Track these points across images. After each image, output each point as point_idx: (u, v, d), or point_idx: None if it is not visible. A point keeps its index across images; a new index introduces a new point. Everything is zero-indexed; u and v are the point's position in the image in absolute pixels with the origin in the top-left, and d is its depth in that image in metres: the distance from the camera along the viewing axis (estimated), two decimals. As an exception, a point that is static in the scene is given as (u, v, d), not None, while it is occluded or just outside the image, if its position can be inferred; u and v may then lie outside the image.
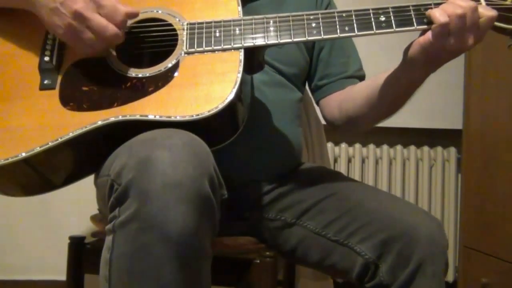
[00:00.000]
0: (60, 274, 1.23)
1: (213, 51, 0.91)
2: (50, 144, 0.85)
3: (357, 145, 2.22)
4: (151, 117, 0.84)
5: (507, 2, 0.91)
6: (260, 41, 0.91)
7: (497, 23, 0.90)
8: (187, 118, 0.83)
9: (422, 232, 0.92)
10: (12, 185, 0.93)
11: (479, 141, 1.92)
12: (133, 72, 0.91)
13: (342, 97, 1.15)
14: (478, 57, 1.91)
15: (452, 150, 2.25)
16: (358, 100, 1.09)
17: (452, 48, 0.88)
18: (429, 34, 0.88)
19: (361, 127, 1.18)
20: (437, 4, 0.90)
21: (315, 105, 1.31)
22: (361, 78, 1.20)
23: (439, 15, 0.87)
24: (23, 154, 0.85)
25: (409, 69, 0.95)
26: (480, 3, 0.90)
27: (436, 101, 2.18)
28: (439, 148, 2.26)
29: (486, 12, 0.88)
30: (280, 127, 1.10)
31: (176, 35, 0.93)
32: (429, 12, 0.89)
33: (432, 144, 2.27)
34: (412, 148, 2.25)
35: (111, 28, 0.87)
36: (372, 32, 0.90)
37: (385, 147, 2.23)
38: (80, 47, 0.89)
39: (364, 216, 0.97)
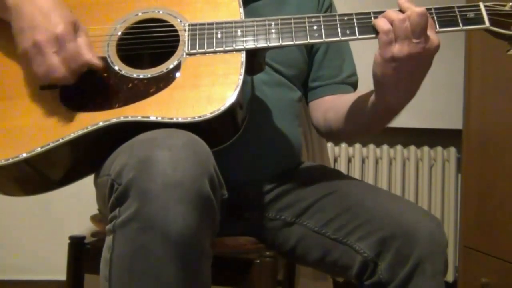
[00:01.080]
0: (60, 274, 1.23)
1: (214, 52, 0.91)
2: (51, 144, 0.85)
3: (357, 145, 2.22)
4: (152, 118, 0.84)
5: (506, 8, 0.91)
6: (262, 43, 0.91)
7: (495, 29, 0.90)
8: (188, 119, 0.84)
9: (422, 230, 0.92)
10: (13, 185, 0.93)
11: (479, 141, 1.92)
12: (135, 73, 0.91)
13: (328, 105, 1.15)
14: (478, 57, 1.91)
15: (452, 150, 2.26)
16: (340, 115, 1.09)
17: (401, 55, 0.85)
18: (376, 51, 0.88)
19: (340, 139, 1.19)
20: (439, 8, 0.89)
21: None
22: (353, 84, 1.20)
23: (382, 23, 0.86)
24: (24, 155, 0.85)
25: (378, 92, 0.94)
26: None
27: (436, 101, 2.18)
28: (439, 148, 2.26)
29: (415, 9, 0.85)
30: (280, 126, 1.11)
31: (178, 36, 0.93)
32: (373, 21, 0.89)
33: (432, 144, 2.27)
34: (412, 148, 2.25)
35: (60, 72, 0.85)
36: (373, 35, 0.90)
37: (385, 147, 2.24)
38: (32, 71, 0.88)
39: (364, 214, 0.97)
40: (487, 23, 0.90)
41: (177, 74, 0.89)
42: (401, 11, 0.87)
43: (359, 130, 1.10)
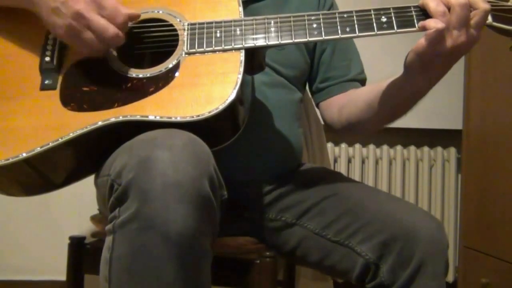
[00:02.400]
0: (60, 274, 1.23)
1: (214, 51, 0.91)
2: (51, 144, 0.85)
3: (357, 145, 2.22)
4: (151, 117, 0.84)
5: (508, 3, 0.91)
6: (261, 42, 0.91)
7: (498, 24, 0.89)
8: (187, 118, 0.83)
9: (423, 232, 0.92)
10: (13, 185, 0.93)
11: (479, 141, 1.92)
12: (134, 73, 0.91)
13: (343, 101, 1.14)
14: (478, 57, 1.91)
15: (452, 150, 2.26)
16: (360, 105, 1.08)
17: (445, 49, 0.85)
18: (422, 40, 0.86)
19: (360, 132, 1.18)
20: None
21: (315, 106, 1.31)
22: (363, 81, 1.20)
23: (434, 22, 0.85)
24: (24, 154, 0.85)
25: (409, 78, 0.94)
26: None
27: (436, 101, 2.17)
28: (439, 148, 2.26)
29: (479, 3, 0.86)
30: (280, 127, 1.10)
31: (177, 35, 0.93)
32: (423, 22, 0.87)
33: (432, 144, 2.27)
34: (412, 148, 2.25)
35: (112, 30, 0.86)
36: (373, 33, 0.90)
37: (385, 147, 2.24)
38: (80, 47, 0.89)
39: (365, 216, 0.97)
40: (490, 19, 0.90)
41: (176, 74, 0.89)
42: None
43: (383, 118, 1.07)
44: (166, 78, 0.89)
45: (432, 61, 0.88)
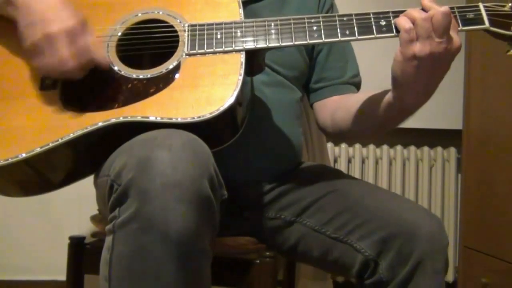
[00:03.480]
0: (60, 274, 1.23)
1: (214, 53, 0.91)
2: (51, 144, 0.85)
3: (357, 145, 2.22)
4: (152, 118, 0.84)
5: (505, 8, 0.91)
6: (261, 44, 0.91)
7: (494, 29, 0.90)
8: (188, 120, 0.84)
9: (422, 229, 0.92)
10: (12, 185, 0.93)
11: (479, 141, 1.92)
12: (134, 73, 0.91)
13: (336, 105, 1.14)
14: (478, 57, 1.91)
15: (452, 150, 2.26)
16: (351, 113, 1.08)
17: (422, 54, 0.84)
18: (398, 48, 0.86)
19: (350, 139, 1.18)
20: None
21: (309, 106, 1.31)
22: (357, 84, 1.20)
23: (404, 21, 0.86)
24: (23, 155, 0.85)
25: (396, 94, 0.93)
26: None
27: (436, 101, 2.16)
28: (439, 148, 2.26)
29: (439, 8, 0.85)
30: (280, 127, 1.11)
31: (177, 36, 0.93)
32: (395, 20, 0.88)
33: (432, 144, 2.27)
34: (412, 148, 2.25)
35: (70, 65, 0.86)
36: (372, 36, 0.90)
37: (385, 147, 2.24)
38: (37, 65, 0.89)
39: (364, 213, 0.97)
40: (487, 24, 0.90)
41: (177, 75, 0.89)
42: (424, 10, 0.86)
43: (371, 129, 1.08)
44: (167, 79, 0.89)
45: (412, 70, 0.86)
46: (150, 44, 0.95)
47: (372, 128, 1.07)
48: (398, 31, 0.88)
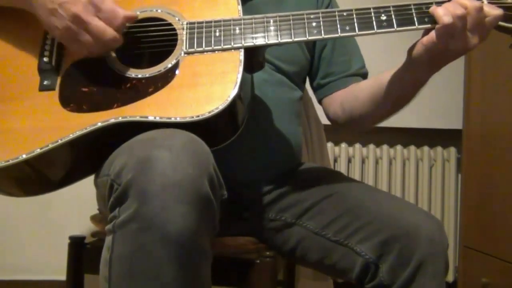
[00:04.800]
0: (60, 274, 1.23)
1: (213, 51, 0.91)
2: (50, 145, 0.85)
3: (357, 145, 2.22)
4: (151, 118, 0.84)
5: (509, 1, 0.90)
6: (260, 41, 0.91)
7: (499, 22, 0.89)
8: (187, 119, 0.83)
9: (422, 232, 0.92)
10: (12, 185, 0.93)
11: (479, 141, 1.92)
12: (133, 73, 0.91)
13: (344, 95, 1.15)
14: (478, 57, 1.91)
15: (452, 150, 2.26)
16: (361, 98, 1.09)
17: (456, 48, 0.87)
18: (432, 34, 0.87)
19: (363, 126, 1.18)
20: (439, 3, 0.88)
21: (315, 104, 1.31)
22: (364, 76, 1.20)
23: (443, 14, 0.85)
24: (24, 156, 0.85)
25: (412, 69, 0.94)
26: (483, 2, 0.88)
27: (436, 101, 2.18)
28: (439, 148, 2.26)
29: (491, 11, 0.87)
30: (280, 126, 1.10)
31: (176, 34, 0.93)
32: (432, 10, 0.88)
33: (432, 144, 2.27)
34: (412, 148, 2.25)
35: (110, 32, 0.87)
36: (373, 31, 0.90)
37: (385, 147, 2.23)
38: (78, 49, 0.89)
39: (364, 216, 0.97)
40: None
41: (176, 73, 0.89)
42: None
43: (383, 110, 1.08)
44: (166, 78, 0.89)
45: (442, 56, 0.89)
46: (149, 42, 0.95)
47: (384, 109, 1.07)
48: (400, 25, 0.89)
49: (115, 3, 0.90)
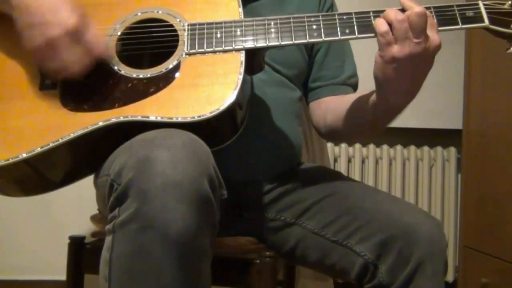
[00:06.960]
0: (60, 274, 1.23)
1: (214, 52, 0.91)
2: (51, 144, 0.85)
3: (357, 145, 2.22)
4: (152, 118, 0.84)
5: (505, 6, 0.91)
6: (261, 43, 0.91)
7: (494, 27, 0.90)
8: (188, 119, 0.84)
9: (422, 232, 0.92)
10: (12, 185, 0.93)
11: (479, 141, 1.92)
12: (134, 73, 0.91)
13: (328, 106, 1.14)
14: (478, 57, 1.91)
15: (452, 150, 2.26)
16: (340, 114, 1.08)
17: (401, 55, 0.84)
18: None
19: (341, 140, 1.19)
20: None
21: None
22: (354, 85, 1.20)
23: (380, 24, 0.86)
24: (24, 155, 0.85)
25: (379, 93, 0.93)
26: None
27: (436, 101, 2.18)
28: (439, 148, 2.26)
29: (414, 9, 0.84)
30: (280, 126, 1.11)
31: (177, 35, 0.93)
32: (373, 22, 0.88)
33: (432, 144, 2.27)
34: (412, 148, 2.25)
35: (73, 68, 0.86)
36: (373, 35, 0.90)
37: (385, 147, 2.24)
38: (40, 68, 0.89)
39: (364, 216, 0.97)
40: (487, 22, 0.90)
41: (177, 74, 0.89)
42: (403, 10, 0.87)
43: (360, 130, 1.09)
44: (167, 78, 0.89)
45: (392, 71, 0.87)
46: (150, 43, 0.95)
47: (361, 128, 1.07)
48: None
49: (115, 5, 0.90)
